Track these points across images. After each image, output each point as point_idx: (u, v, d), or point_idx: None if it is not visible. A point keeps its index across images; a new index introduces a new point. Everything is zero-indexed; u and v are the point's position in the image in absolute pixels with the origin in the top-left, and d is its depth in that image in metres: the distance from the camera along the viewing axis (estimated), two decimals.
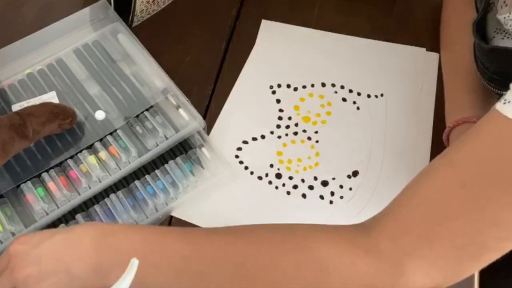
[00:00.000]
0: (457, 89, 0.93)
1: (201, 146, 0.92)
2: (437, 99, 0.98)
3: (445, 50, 1.01)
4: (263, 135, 0.96)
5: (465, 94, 0.91)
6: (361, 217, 0.85)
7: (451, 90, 0.95)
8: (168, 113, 0.93)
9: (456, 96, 0.93)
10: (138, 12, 1.02)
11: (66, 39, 1.00)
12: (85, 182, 0.87)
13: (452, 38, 0.99)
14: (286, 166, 0.93)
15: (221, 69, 1.02)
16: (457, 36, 0.97)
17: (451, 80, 0.96)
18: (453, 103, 0.93)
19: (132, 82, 0.96)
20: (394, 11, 1.09)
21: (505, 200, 0.61)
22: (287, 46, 1.05)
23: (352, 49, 1.04)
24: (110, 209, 0.86)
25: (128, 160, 0.89)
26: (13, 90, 0.95)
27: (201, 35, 1.06)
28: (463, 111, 0.89)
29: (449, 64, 0.98)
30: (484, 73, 0.84)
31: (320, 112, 0.97)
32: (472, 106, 0.89)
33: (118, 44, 1.00)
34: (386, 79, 1.01)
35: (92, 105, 0.94)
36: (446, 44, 1.01)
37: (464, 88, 0.91)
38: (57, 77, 0.97)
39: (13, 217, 0.85)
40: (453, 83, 0.95)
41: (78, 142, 0.90)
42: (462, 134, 0.70)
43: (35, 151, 0.89)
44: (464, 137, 0.66)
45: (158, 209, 0.87)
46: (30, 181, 0.87)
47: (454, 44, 0.98)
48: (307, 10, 1.09)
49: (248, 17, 1.08)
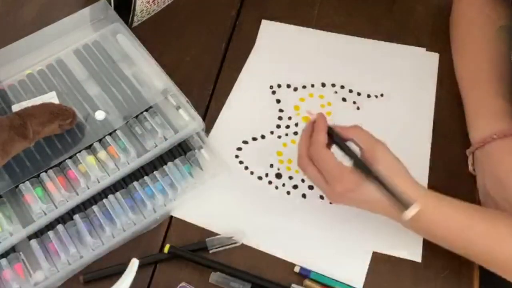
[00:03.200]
0: (489, 94, 0.91)
1: (200, 148, 0.91)
2: (437, 99, 0.98)
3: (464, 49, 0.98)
4: (263, 135, 0.95)
5: (500, 100, 0.89)
6: (361, 217, 0.86)
7: (480, 95, 0.92)
8: (168, 114, 0.93)
9: (487, 103, 0.91)
10: (138, 12, 1.02)
11: (66, 40, 1.00)
12: (83, 183, 0.87)
13: (474, 39, 0.97)
14: (286, 166, 0.93)
15: (221, 69, 1.02)
16: (481, 37, 0.96)
17: (477, 86, 0.93)
18: (483, 110, 0.91)
19: (131, 82, 0.96)
20: (394, 11, 1.08)
21: None
22: (287, 46, 1.05)
23: (352, 49, 1.04)
24: (108, 210, 0.86)
25: (127, 161, 0.89)
26: (13, 90, 0.96)
27: (201, 35, 1.06)
28: (502, 120, 0.87)
29: (473, 67, 0.95)
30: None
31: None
32: (510, 114, 0.88)
33: (118, 44, 1.00)
34: (386, 79, 1.01)
35: (91, 106, 0.94)
36: (465, 43, 0.98)
37: (499, 95, 0.89)
38: (57, 77, 0.97)
39: (11, 217, 0.85)
40: (483, 89, 0.92)
41: (78, 142, 0.90)
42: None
43: (34, 151, 0.89)
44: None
45: (156, 210, 0.87)
46: (29, 181, 0.87)
47: (479, 46, 0.95)
48: (307, 10, 1.09)
49: (248, 17, 1.08)
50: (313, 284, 0.82)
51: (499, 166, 0.85)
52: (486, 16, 0.96)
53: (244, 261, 0.84)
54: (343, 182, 0.78)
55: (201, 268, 0.83)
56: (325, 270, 0.83)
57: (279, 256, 0.85)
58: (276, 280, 0.83)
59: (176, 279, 0.83)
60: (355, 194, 0.79)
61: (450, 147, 0.93)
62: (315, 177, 0.80)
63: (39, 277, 0.82)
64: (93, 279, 0.83)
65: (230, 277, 0.82)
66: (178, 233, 0.87)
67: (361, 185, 0.78)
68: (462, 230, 0.78)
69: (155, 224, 0.87)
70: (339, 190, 0.78)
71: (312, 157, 0.80)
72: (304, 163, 0.81)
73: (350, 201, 0.81)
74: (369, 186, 0.77)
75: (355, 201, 0.81)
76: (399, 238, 0.86)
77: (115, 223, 0.85)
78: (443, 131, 0.95)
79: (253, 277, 0.82)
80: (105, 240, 0.85)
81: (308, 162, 0.80)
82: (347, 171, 0.78)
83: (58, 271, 0.82)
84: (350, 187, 0.78)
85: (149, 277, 0.84)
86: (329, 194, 0.81)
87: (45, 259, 0.83)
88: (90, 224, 0.86)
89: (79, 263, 0.83)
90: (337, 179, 0.78)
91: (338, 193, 0.79)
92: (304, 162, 0.81)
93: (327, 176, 0.79)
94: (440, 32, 1.04)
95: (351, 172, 0.78)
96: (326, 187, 0.79)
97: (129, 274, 0.79)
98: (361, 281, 0.83)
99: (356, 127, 0.81)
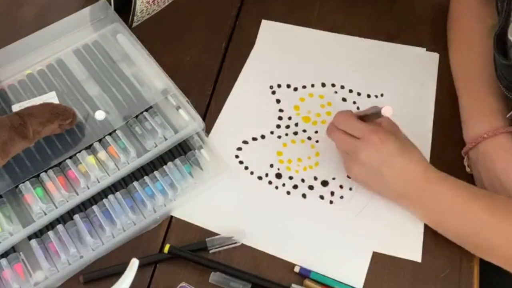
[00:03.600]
0: (480, 93, 0.91)
1: (200, 148, 0.91)
2: (437, 99, 0.98)
3: (458, 49, 0.99)
4: (263, 135, 0.95)
5: (491, 99, 0.90)
6: (361, 217, 0.86)
7: (472, 94, 0.93)
8: (168, 114, 0.93)
9: (478, 102, 0.91)
10: (138, 12, 1.02)
11: (66, 39, 1.00)
12: (83, 183, 0.87)
13: (467, 38, 0.98)
14: (286, 166, 0.93)
15: (221, 69, 1.02)
16: (472, 36, 0.97)
17: (469, 85, 0.94)
18: (474, 109, 0.91)
19: (131, 82, 0.96)
20: (394, 11, 1.08)
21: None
22: (287, 46, 1.05)
23: (352, 49, 1.04)
24: (108, 210, 0.86)
25: (127, 161, 0.89)
26: (13, 90, 0.96)
27: (201, 35, 1.06)
28: (492, 118, 0.88)
29: (466, 66, 0.96)
30: (502, 80, 0.83)
31: (320, 112, 0.97)
32: (501, 112, 0.88)
33: (118, 44, 1.00)
34: (386, 79, 1.01)
35: (91, 106, 0.94)
36: (459, 43, 0.99)
37: (490, 93, 0.90)
38: (57, 77, 0.97)
39: (11, 217, 0.85)
40: (475, 87, 0.93)
41: (78, 142, 0.90)
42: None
43: (34, 151, 0.89)
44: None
45: (156, 210, 0.87)
46: (29, 181, 0.87)
47: (472, 45, 0.96)
48: (307, 10, 1.09)
49: (248, 17, 1.08)
50: (313, 284, 0.82)
51: (494, 165, 0.85)
52: (478, 15, 0.97)
53: (244, 261, 0.84)
54: (378, 132, 0.83)
55: (201, 268, 0.83)
56: (325, 270, 0.83)
57: (279, 256, 0.85)
58: (276, 280, 0.83)
59: (176, 279, 0.83)
60: (384, 147, 0.83)
61: (450, 147, 0.93)
62: (344, 138, 0.86)
63: (39, 277, 0.82)
64: (93, 279, 0.83)
65: (230, 277, 0.82)
66: (178, 233, 0.87)
67: (390, 136, 0.83)
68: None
69: (155, 224, 0.87)
70: (375, 140, 0.83)
71: (341, 123, 0.87)
72: (332, 128, 0.88)
73: (375, 158, 0.83)
74: (394, 139, 0.83)
75: (379, 158, 0.83)
76: (399, 238, 0.86)
77: (115, 223, 0.85)
78: (443, 131, 0.95)
79: (253, 277, 0.82)
80: (105, 240, 0.85)
81: (336, 128, 0.87)
82: (378, 124, 0.85)
83: (58, 271, 0.82)
84: (382, 137, 0.83)
85: (149, 277, 0.84)
86: (360, 152, 0.84)
87: (45, 259, 0.83)
88: (90, 224, 0.86)
89: (79, 263, 0.83)
90: (372, 130, 0.84)
91: (370, 148, 0.83)
92: (332, 127, 0.88)
93: (362, 132, 0.84)
94: (440, 32, 1.04)
95: (379, 125, 0.85)
96: (358, 144, 0.84)
97: (129, 274, 0.79)
98: (361, 281, 0.83)
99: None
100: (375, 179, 0.85)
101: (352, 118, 0.86)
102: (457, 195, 0.81)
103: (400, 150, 0.83)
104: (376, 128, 0.84)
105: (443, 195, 0.82)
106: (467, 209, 0.81)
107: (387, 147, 0.82)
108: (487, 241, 0.80)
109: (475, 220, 0.80)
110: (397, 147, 0.83)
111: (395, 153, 0.82)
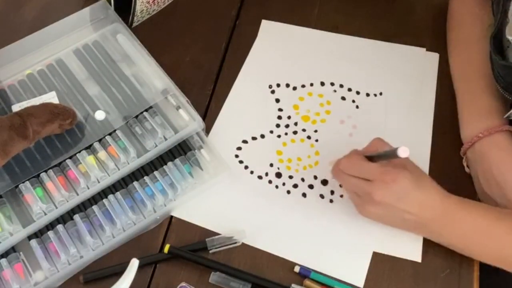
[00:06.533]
0: (477, 93, 0.91)
1: (200, 148, 0.91)
2: (437, 99, 0.98)
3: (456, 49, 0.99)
4: (262, 135, 0.95)
5: (486, 98, 0.90)
6: (361, 217, 0.86)
7: (469, 94, 0.93)
8: (168, 114, 0.93)
9: (474, 101, 0.91)
10: (138, 12, 1.03)
11: (66, 39, 1.01)
12: (83, 183, 0.87)
13: (465, 38, 0.98)
14: (286, 165, 0.93)
15: (221, 69, 1.02)
16: (471, 36, 0.96)
17: (467, 85, 0.94)
18: (470, 109, 0.91)
19: (131, 82, 0.96)
20: (394, 11, 1.09)
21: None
22: (286, 46, 1.05)
23: (352, 48, 1.04)
24: (108, 210, 0.86)
25: (127, 161, 0.89)
26: (13, 90, 0.96)
27: (201, 35, 1.06)
28: (487, 117, 0.88)
29: (464, 66, 0.96)
30: (499, 80, 0.83)
31: (320, 111, 0.97)
32: (498, 111, 0.88)
33: (118, 44, 1.00)
34: (385, 78, 1.01)
35: (91, 106, 0.94)
36: (458, 43, 0.99)
37: (487, 93, 0.90)
38: (57, 77, 0.97)
39: (11, 217, 0.85)
40: (472, 87, 0.93)
41: (78, 142, 0.90)
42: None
43: (34, 151, 0.89)
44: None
45: (156, 210, 0.87)
46: (29, 181, 0.87)
47: (470, 45, 0.96)
48: (307, 10, 1.09)
49: (248, 17, 1.08)
50: (313, 284, 0.82)
51: (491, 164, 0.85)
52: (476, 15, 0.97)
53: (244, 261, 0.85)
54: (389, 172, 0.80)
55: (201, 268, 0.83)
56: (325, 270, 0.83)
57: (279, 255, 0.85)
58: (276, 280, 0.83)
59: (176, 279, 0.83)
60: (398, 186, 0.80)
61: (450, 147, 0.93)
62: (355, 183, 0.82)
63: (39, 277, 0.82)
64: (93, 279, 0.83)
65: (230, 277, 0.82)
66: (178, 233, 0.87)
67: (401, 172, 0.80)
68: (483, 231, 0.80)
69: (155, 224, 0.87)
70: (387, 180, 0.80)
71: (349, 169, 0.83)
72: (339, 173, 0.84)
73: (390, 197, 0.81)
74: (406, 174, 0.80)
75: (394, 197, 0.80)
76: (399, 238, 0.86)
77: (115, 223, 0.85)
78: (443, 131, 0.95)
79: (253, 277, 0.82)
80: (105, 240, 0.85)
81: (344, 173, 0.84)
82: (388, 165, 0.81)
83: (58, 271, 0.82)
84: (394, 176, 0.79)
85: (149, 277, 0.84)
86: (374, 193, 0.81)
87: (45, 259, 0.83)
88: (90, 224, 0.86)
89: (79, 263, 0.83)
90: (383, 172, 0.80)
91: (384, 188, 0.80)
92: (339, 172, 0.84)
93: (373, 174, 0.81)
94: (440, 32, 1.04)
95: (390, 165, 0.81)
96: (371, 187, 0.80)
97: (129, 274, 0.79)
98: (361, 281, 0.83)
99: (377, 140, 0.85)
100: (393, 215, 0.82)
101: (360, 163, 0.83)
102: (477, 219, 0.81)
103: (414, 184, 0.80)
104: (387, 169, 0.81)
105: (463, 221, 0.81)
106: (491, 232, 0.80)
107: (401, 185, 0.80)
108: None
109: (501, 243, 0.80)
110: (411, 182, 0.80)
111: (410, 189, 0.80)
